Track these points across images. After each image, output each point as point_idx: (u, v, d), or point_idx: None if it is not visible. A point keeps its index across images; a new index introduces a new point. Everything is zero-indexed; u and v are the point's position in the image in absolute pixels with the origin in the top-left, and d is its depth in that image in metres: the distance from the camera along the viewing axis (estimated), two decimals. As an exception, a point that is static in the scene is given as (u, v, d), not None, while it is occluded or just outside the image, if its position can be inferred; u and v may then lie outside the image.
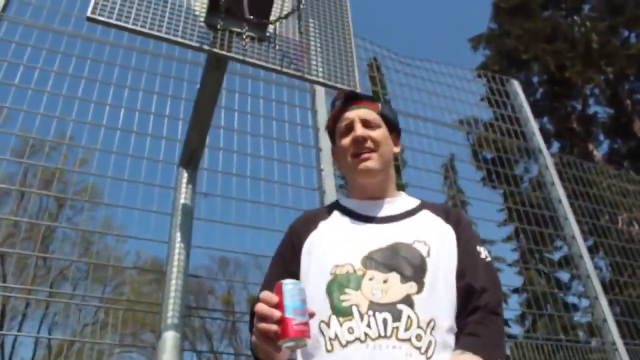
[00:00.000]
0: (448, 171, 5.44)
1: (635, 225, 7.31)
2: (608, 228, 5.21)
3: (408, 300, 1.31)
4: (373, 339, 1.27)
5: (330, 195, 3.23)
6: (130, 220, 3.16)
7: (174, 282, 1.82)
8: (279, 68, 2.04)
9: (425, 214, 1.54)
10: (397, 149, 1.66)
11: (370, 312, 1.30)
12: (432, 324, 1.31)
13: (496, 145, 4.86)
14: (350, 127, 1.58)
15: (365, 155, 1.53)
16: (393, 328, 1.27)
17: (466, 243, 1.49)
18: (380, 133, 1.58)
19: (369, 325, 1.28)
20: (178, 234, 1.93)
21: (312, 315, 1.21)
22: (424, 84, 4.72)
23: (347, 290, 1.35)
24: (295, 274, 1.48)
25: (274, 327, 1.14)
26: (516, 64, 14.85)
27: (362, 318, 1.30)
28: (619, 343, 3.56)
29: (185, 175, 2.10)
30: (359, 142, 1.54)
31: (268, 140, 3.37)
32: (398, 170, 3.81)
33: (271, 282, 1.37)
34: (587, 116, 14.94)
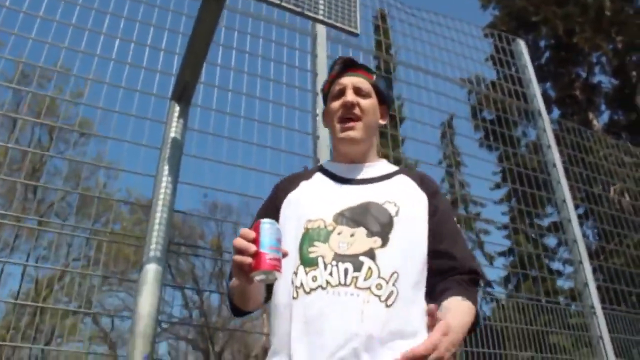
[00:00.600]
0: (447, 128, 5.38)
1: (627, 196, 7.30)
2: (600, 196, 5.20)
3: (370, 253, 1.38)
4: (333, 286, 1.34)
5: (324, 141, 3.18)
6: (120, 156, 3.10)
7: (159, 215, 1.79)
8: (277, 2, 1.96)
9: (401, 178, 1.62)
10: (383, 121, 1.73)
11: (334, 263, 1.37)
12: (394, 276, 1.37)
13: (497, 105, 4.79)
14: (342, 92, 1.64)
15: (350, 124, 1.60)
16: (353, 277, 1.34)
17: (443, 212, 1.56)
18: (369, 102, 1.64)
19: (331, 274, 1.36)
20: (166, 167, 1.89)
21: (285, 254, 1.29)
22: (428, 36, 4.60)
23: (315, 243, 1.42)
24: None
25: (249, 259, 1.23)
26: (524, 26, 14.54)
27: (325, 267, 1.37)
28: (598, 307, 3.61)
29: (177, 109, 2.04)
30: (347, 107, 1.61)
31: (265, 81, 3.29)
32: (384, 137, 3.73)
33: None
34: (591, 85, 14.76)
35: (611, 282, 4.60)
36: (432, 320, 1.25)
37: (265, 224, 1.27)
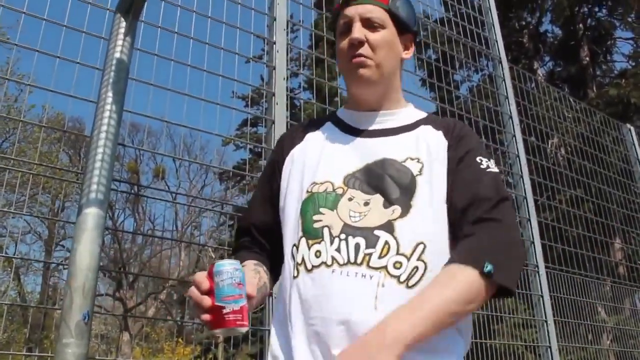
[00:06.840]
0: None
1: (562, 150, 7.44)
2: (539, 147, 5.18)
3: (388, 226, 1.15)
4: (340, 265, 1.12)
5: (280, 73, 2.89)
6: (42, 70, 2.72)
7: (101, 151, 1.53)
8: None
9: (426, 129, 1.33)
10: (407, 55, 1.39)
11: (343, 236, 1.14)
12: (420, 248, 1.13)
13: (449, 43, 4.47)
14: (348, 27, 1.31)
15: (360, 60, 1.28)
16: (365, 254, 1.12)
17: (464, 155, 1.25)
18: (383, 35, 1.31)
19: (338, 250, 1.13)
20: (110, 94, 1.60)
21: (250, 297, 1.07)
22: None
23: (322, 209, 1.20)
24: (278, 192, 1.35)
25: (206, 316, 1.03)
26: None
27: (332, 241, 1.15)
28: (542, 266, 3.64)
29: (124, 24, 1.72)
30: (355, 46, 1.28)
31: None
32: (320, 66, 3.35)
33: (255, 205, 1.41)
34: (539, 33, 14.84)
35: (541, 237, 4.65)
36: None
37: (220, 266, 1.04)
